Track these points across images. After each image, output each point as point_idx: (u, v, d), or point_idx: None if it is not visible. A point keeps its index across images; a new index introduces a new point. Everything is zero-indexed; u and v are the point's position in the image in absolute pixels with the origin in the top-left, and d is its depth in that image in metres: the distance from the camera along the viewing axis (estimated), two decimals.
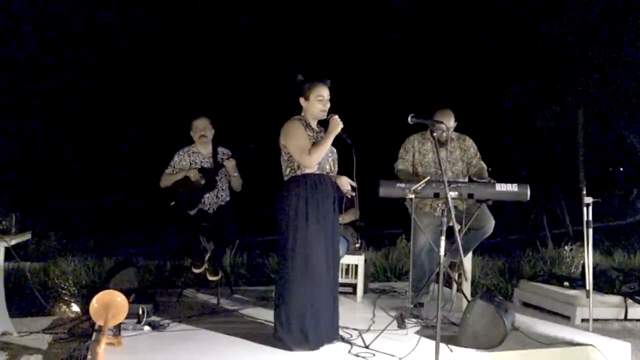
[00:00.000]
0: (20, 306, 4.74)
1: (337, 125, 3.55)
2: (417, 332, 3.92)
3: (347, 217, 5.04)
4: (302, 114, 3.65)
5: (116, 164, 11.62)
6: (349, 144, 3.63)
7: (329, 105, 3.61)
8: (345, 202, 5.03)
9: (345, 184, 3.75)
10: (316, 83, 3.59)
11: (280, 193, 3.56)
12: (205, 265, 4.70)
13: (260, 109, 10.65)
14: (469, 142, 4.83)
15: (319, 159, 3.53)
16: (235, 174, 4.89)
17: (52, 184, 11.19)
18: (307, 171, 3.53)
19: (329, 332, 3.57)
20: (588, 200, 4.48)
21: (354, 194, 3.79)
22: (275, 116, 3.81)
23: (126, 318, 3.62)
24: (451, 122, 4.64)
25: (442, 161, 4.50)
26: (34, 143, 11.37)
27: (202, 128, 4.91)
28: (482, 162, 4.78)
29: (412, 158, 4.76)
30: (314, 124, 3.65)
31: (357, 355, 3.41)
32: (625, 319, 4.86)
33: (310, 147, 3.50)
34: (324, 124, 3.70)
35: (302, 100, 3.61)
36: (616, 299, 4.92)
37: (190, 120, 4.95)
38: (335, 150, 3.72)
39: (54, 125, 11.57)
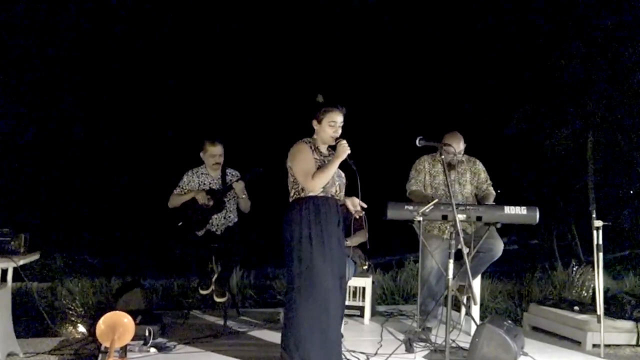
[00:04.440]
0: (26, 326, 4.74)
1: (344, 150, 3.53)
2: (425, 357, 3.88)
3: (355, 240, 5.03)
4: (314, 136, 3.66)
5: (124, 183, 11.67)
6: (354, 170, 3.62)
7: (340, 131, 3.60)
8: (354, 224, 5.03)
9: (355, 204, 3.75)
10: (331, 109, 3.59)
11: (285, 215, 3.56)
12: (213, 287, 4.69)
13: (272, 130, 10.69)
14: (480, 166, 4.82)
15: (323, 183, 3.51)
16: (244, 196, 4.90)
17: (58, 205, 11.24)
18: (312, 194, 3.53)
19: (335, 357, 3.53)
20: (598, 223, 4.45)
21: (362, 213, 3.78)
22: (287, 137, 3.81)
23: (132, 339, 3.60)
24: (460, 145, 4.65)
25: (451, 183, 4.51)
26: (41, 164, 11.46)
27: (219, 155, 4.93)
28: (491, 189, 4.76)
29: (423, 179, 4.76)
30: (323, 147, 3.66)
31: None
32: (637, 344, 4.78)
33: (315, 171, 3.51)
34: (335, 148, 3.70)
35: (314, 123, 3.62)
36: (628, 324, 4.86)
37: (204, 143, 4.97)
38: (343, 175, 3.71)
39: (62, 146, 11.66)
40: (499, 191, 4.80)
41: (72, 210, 11.31)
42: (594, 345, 4.56)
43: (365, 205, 3.72)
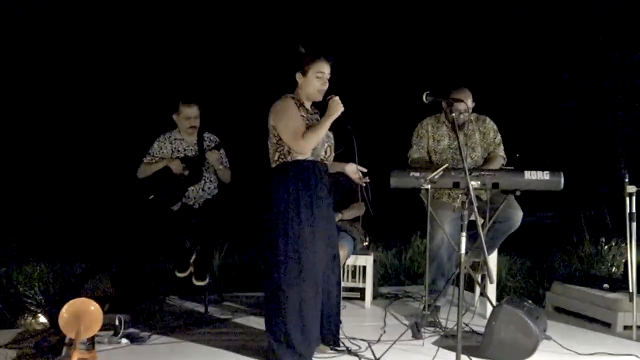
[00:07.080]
0: None
1: (337, 107, 3.50)
2: (435, 343, 3.92)
3: (350, 213, 5.00)
4: (296, 91, 3.62)
5: (87, 151, 11.58)
6: (349, 130, 3.60)
7: (327, 85, 3.57)
8: (347, 195, 5.01)
9: (355, 171, 3.74)
10: (318, 58, 3.55)
11: (267, 183, 3.53)
12: (191, 269, 4.69)
13: (251, 86, 10.60)
14: (489, 125, 4.80)
15: (314, 144, 3.48)
16: (221, 166, 4.89)
17: (6, 180, 11.16)
18: (299, 157, 3.49)
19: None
20: (631, 189, 4.46)
21: (368, 180, 3.77)
22: (267, 95, 3.78)
23: (101, 330, 3.64)
24: (469, 103, 4.63)
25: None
26: None
27: (194, 117, 4.90)
28: (499, 151, 4.74)
29: (427, 145, 4.76)
30: (308, 104, 3.63)
31: None
32: None
33: (305, 131, 3.46)
34: (319, 106, 3.67)
35: (298, 76, 3.57)
36: None
37: (177, 104, 4.92)
38: (332, 136, 3.68)
39: (14, 116, 11.55)
40: (517, 155, 4.80)
41: (24, 185, 11.22)
42: (626, 327, 4.61)
43: (365, 170, 3.71)
